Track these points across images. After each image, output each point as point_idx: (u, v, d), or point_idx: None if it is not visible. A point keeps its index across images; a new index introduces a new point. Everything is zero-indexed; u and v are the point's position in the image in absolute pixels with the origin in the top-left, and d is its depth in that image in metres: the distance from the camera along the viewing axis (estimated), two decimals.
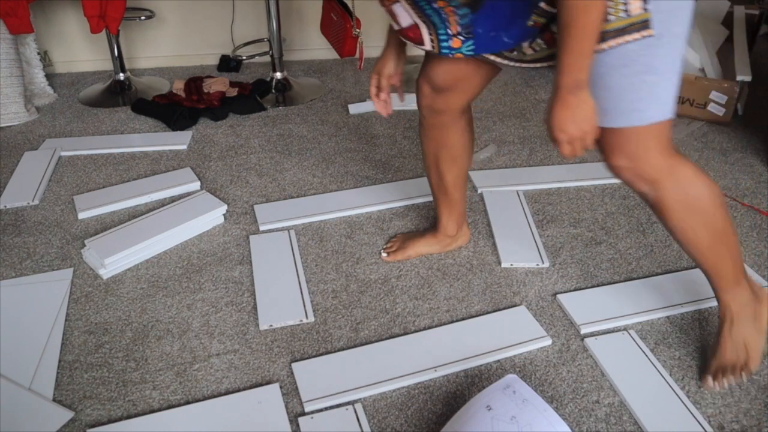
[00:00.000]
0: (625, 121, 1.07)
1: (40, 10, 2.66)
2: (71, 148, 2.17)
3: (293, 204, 1.85)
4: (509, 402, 1.04)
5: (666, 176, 1.12)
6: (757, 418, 1.19)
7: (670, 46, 1.03)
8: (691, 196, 1.14)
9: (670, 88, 1.06)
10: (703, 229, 1.16)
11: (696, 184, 1.14)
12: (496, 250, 1.65)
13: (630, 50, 1.02)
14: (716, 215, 1.16)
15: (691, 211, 1.15)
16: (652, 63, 1.03)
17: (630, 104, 1.05)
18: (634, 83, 1.04)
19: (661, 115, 1.07)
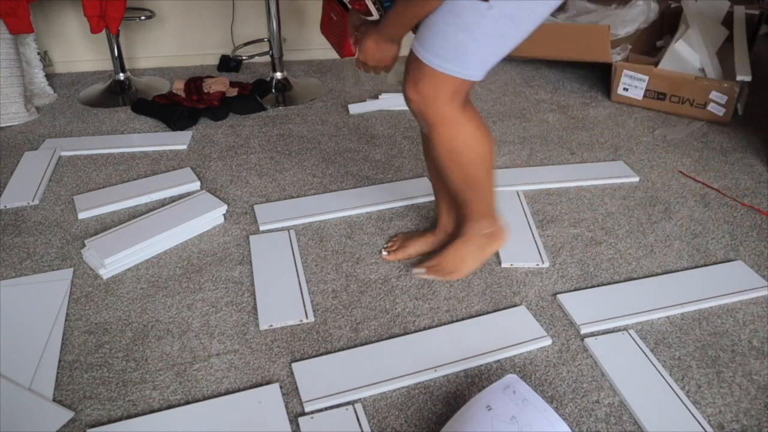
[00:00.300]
0: (426, 57, 1.18)
1: (40, 10, 2.66)
2: (71, 148, 2.17)
3: (293, 204, 1.85)
4: (509, 402, 1.04)
5: (443, 125, 1.26)
6: (757, 418, 1.19)
7: (495, 21, 1.12)
8: (456, 149, 1.29)
9: (479, 56, 1.16)
10: (458, 174, 1.33)
11: (467, 139, 1.28)
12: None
13: (460, 4, 1.11)
14: (473, 169, 1.33)
15: (452, 159, 1.31)
16: (470, 25, 1.12)
17: (437, 47, 1.16)
18: (449, 33, 1.14)
19: (458, 71, 1.17)
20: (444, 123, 1.26)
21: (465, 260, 1.51)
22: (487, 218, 1.47)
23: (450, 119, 1.25)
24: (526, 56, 2.82)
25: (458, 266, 1.51)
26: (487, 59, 1.18)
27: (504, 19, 1.12)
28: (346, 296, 1.50)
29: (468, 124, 1.28)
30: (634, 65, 2.43)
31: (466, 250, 1.50)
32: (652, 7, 2.73)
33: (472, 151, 1.31)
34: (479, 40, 1.14)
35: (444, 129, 1.26)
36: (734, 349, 1.35)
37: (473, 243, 1.49)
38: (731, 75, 2.31)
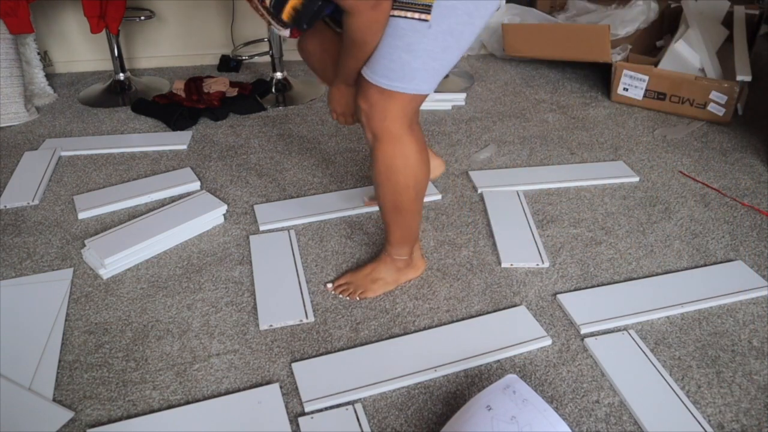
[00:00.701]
0: (374, 79, 1.22)
1: (40, 10, 2.66)
2: (71, 148, 2.17)
3: (293, 204, 1.85)
4: (509, 402, 1.04)
5: (386, 141, 1.28)
6: (757, 418, 1.19)
7: (437, 39, 1.16)
8: (394, 168, 1.31)
9: (424, 71, 1.20)
10: (389, 194, 1.35)
11: (405, 164, 1.30)
12: (496, 250, 1.65)
13: (401, 26, 1.15)
14: (405, 193, 1.35)
15: (387, 177, 1.32)
16: (413, 46, 1.16)
17: (383, 68, 1.20)
18: (393, 54, 1.18)
19: (405, 89, 1.21)
20: (389, 139, 1.28)
21: (379, 281, 1.50)
22: (407, 245, 1.48)
23: (395, 136, 1.27)
24: (526, 56, 2.82)
25: (371, 286, 1.49)
26: (433, 74, 1.22)
27: (443, 35, 1.16)
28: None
29: (411, 145, 1.30)
30: (634, 65, 2.43)
31: (381, 271, 1.50)
32: (652, 7, 2.73)
33: (409, 173, 1.32)
34: (422, 58, 1.18)
35: (387, 145, 1.28)
36: (734, 349, 1.35)
37: (391, 265, 1.50)
38: (731, 75, 2.31)
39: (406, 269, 1.52)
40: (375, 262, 1.53)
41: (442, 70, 1.23)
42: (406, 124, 1.28)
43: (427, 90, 1.24)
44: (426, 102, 2.48)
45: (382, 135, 1.28)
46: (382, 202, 1.39)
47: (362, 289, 1.49)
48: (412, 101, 1.25)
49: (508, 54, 2.84)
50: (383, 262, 1.51)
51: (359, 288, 1.49)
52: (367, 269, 1.52)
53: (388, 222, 1.43)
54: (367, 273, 1.51)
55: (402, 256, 1.50)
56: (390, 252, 1.49)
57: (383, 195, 1.37)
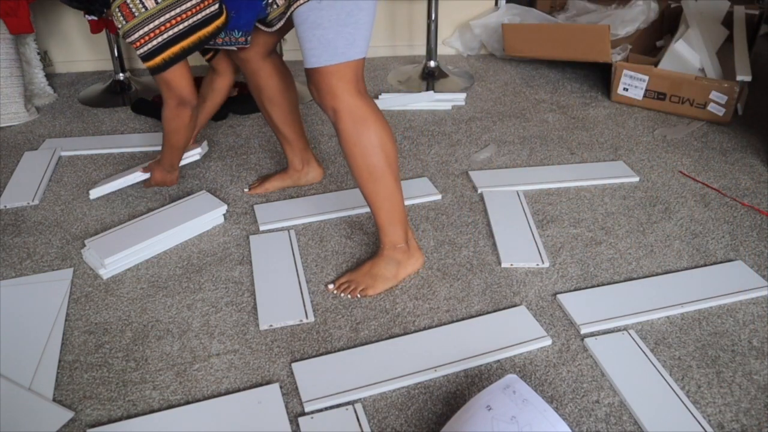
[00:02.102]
0: (308, 63, 1.34)
1: (40, 10, 2.66)
2: (71, 148, 2.17)
3: (293, 204, 1.85)
4: (509, 402, 1.04)
5: (343, 109, 1.36)
6: (757, 418, 1.19)
7: (332, 8, 1.28)
8: (356, 136, 1.38)
9: (339, 38, 1.30)
10: (361, 161, 1.40)
11: (366, 126, 1.37)
12: (496, 250, 1.65)
13: (302, 12, 1.30)
14: (376, 156, 1.40)
15: (355, 143, 1.39)
16: (317, 20, 1.29)
17: (308, 51, 1.33)
18: (307, 36, 1.31)
19: (333, 59, 1.31)
20: (344, 108, 1.36)
21: (379, 277, 1.51)
22: (399, 227, 1.49)
23: (349, 104, 1.36)
24: (526, 56, 2.82)
25: (372, 283, 1.50)
26: (352, 38, 1.31)
27: (336, 2, 1.27)
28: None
29: (365, 108, 1.38)
30: (634, 65, 2.43)
31: (381, 266, 1.51)
32: (652, 7, 2.73)
33: (372, 134, 1.39)
34: (331, 28, 1.29)
35: (346, 114, 1.37)
36: (734, 349, 1.35)
37: (390, 259, 1.51)
38: (731, 75, 2.31)
39: (405, 261, 1.53)
40: (373, 258, 1.53)
41: (359, 34, 1.32)
42: (353, 92, 1.36)
43: (356, 55, 1.33)
44: (426, 102, 2.49)
45: (338, 108, 1.36)
46: (357, 174, 1.43)
47: (363, 286, 1.49)
48: (348, 69, 1.34)
49: (508, 54, 2.84)
50: (381, 257, 1.52)
51: (360, 285, 1.49)
52: (366, 266, 1.52)
53: (371, 198, 1.45)
54: (367, 270, 1.51)
55: (399, 242, 1.50)
56: (386, 242, 1.50)
57: (355, 164, 1.41)
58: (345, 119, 1.37)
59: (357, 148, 1.39)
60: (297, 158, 1.88)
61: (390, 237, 1.50)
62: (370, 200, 1.46)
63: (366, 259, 1.60)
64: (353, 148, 1.39)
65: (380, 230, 1.50)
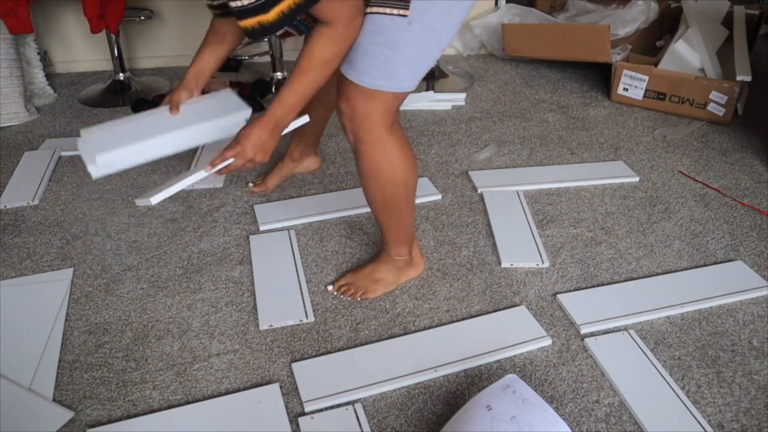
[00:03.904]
0: (356, 77, 1.21)
1: (40, 10, 2.66)
2: (71, 148, 2.16)
3: (293, 204, 1.85)
4: (509, 402, 1.04)
5: (370, 141, 1.27)
6: (757, 418, 1.19)
7: (418, 35, 1.16)
8: (378, 171, 1.31)
9: (407, 69, 1.19)
10: (379, 194, 1.35)
11: (390, 164, 1.30)
12: (496, 250, 1.65)
13: (382, 23, 1.15)
14: (394, 193, 1.34)
15: (375, 178, 1.32)
16: (396, 42, 1.16)
17: (365, 67, 1.19)
18: (375, 52, 1.17)
19: (388, 87, 1.21)
20: (372, 140, 1.27)
21: (380, 281, 1.50)
22: (404, 245, 1.48)
23: (378, 137, 1.27)
24: (526, 56, 2.82)
25: (372, 286, 1.49)
26: (415, 71, 1.22)
27: (425, 31, 1.17)
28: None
29: (394, 145, 1.29)
30: (634, 65, 2.43)
31: (382, 271, 1.50)
32: (652, 7, 2.73)
33: (396, 173, 1.32)
34: (405, 54, 1.18)
35: (371, 146, 1.28)
36: (734, 349, 1.35)
37: (391, 265, 1.50)
38: (731, 75, 2.31)
39: (406, 269, 1.52)
40: (375, 262, 1.53)
41: (423, 67, 1.23)
42: (387, 125, 1.27)
43: (409, 88, 1.24)
44: (426, 102, 2.48)
45: (365, 136, 1.27)
46: (372, 202, 1.39)
47: (363, 290, 1.49)
48: (394, 100, 1.24)
49: (508, 54, 2.84)
50: (383, 262, 1.51)
51: (360, 288, 1.49)
52: (367, 269, 1.52)
53: (382, 223, 1.43)
54: (368, 273, 1.51)
55: (401, 255, 1.50)
56: (389, 252, 1.49)
57: (371, 195, 1.37)
58: (370, 150, 1.28)
59: (376, 183, 1.33)
60: (298, 149, 1.88)
61: (395, 250, 1.49)
62: (379, 223, 1.43)
63: (366, 260, 1.60)
64: (372, 183, 1.34)
65: (385, 243, 1.48)
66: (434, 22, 1.17)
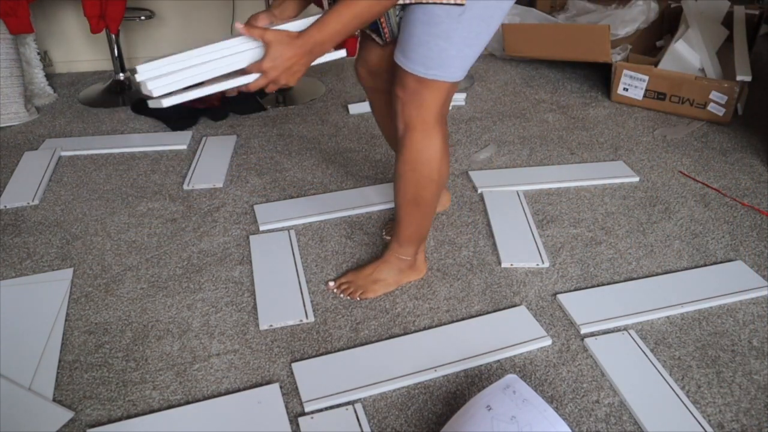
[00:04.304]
0: (411, 68, 1.23)
1: (40, 10, 2.66)
2: (71, 148, 2.17)
3: (293, 204, 1.85)
4: (509, 402, 1.04)
5: (419, 130, 1.28)
6: (757, 418, 1.19)
7: (470, 25, 1.17)
8: (420, 162, 1.32)
9: (460, 58, 1.21)
10: (412, 187, 1.35)
11: (431, 158, 1.31)
12: (496, 250, 1.65)
13: (436, 13, 1.16)
14: (427, 188, 1.35)
15: (413, 168, 1.33)
16: (449, 32, 1.17)
17: (420, 57, 1.21)
18: (429, 42, 1.18)
19: (442, 76, 1.22)
20: (421, 129, 1.28)
21: (380, 281, 1.50)
22: (415, 245, 1.48)
23: (428, 126, 1.28)
24: (526, 56, 2.82)
25: (371, 286, 1.49)
26: (466, 60, 1.23)
27: (476, 20, 1.18)
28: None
29: (440, 137, 1.31)
30: (634, 65, 2.43)
31: (383, 271, 1.50)
32: (652, 7, 2.73)
33: (434, 166, 1.33)
34: (458, 44, 1.19)
35: (419, 135, 1.29)
36: (734, 349, 1.35)
37: (394, 266, 1.50)
38: (731, 75, 2.31)
39: (408, 271, 1.52)
40: (378, 262, 1.52)
41: (473, 56, 1.24)
42: (438, 115, 1.29)
43: (461, 77, 1.26)
44: None
45: (416, 124, 1.28)
46: (402, 194, 1.38)
47: (362, 290, 1.48)
48: (447, 90, 1.26)
49: (508, 54, 2.84)
50: (386, 262, 1.50)
51: (360, 288, 1.49)
52: (369, 269, 1.51)
53: (403, 217, 1.42)
54: (369, 273, 1.51)
55: (407, 256, 1.50)
56: (396, 251, 1.49)
57: (405, 186, 1.36)
58: (417, 140, 1.29)
59: (412, 174, 1.34)
60: None
61: (402, 249, 1.48)
62: (401, 218, 1.43)
63: (367, 260, 1.60)
64: (409, 173, 1.34)
65: (395, 240, 1.48)
66: (485, 11, 1.18)
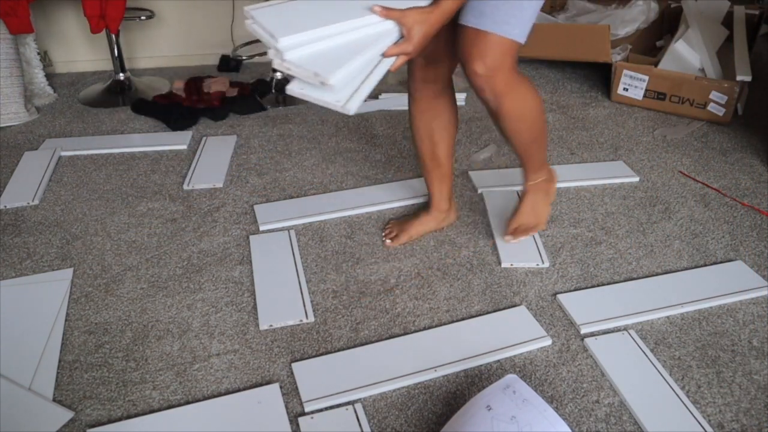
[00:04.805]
0: (496, 28, 1.24)
1: (40, 10, 2.66)
2: (71, 148, 2.17)
3: (293, 204, 1.85)
4: (509, 402, 1.04)
5: (508, 91, 1.34)
6: (757, 418, 1.19)
7: None
8: (524, 109, 1.39)
9: (532, 17, 1.27)
10: (526, 131, 1.44)
11: (528, 100, 1.39)
12: (496, 250, 1.65)
13: None
14: (537, 122, 1.44)
15: (520, 119, 1.40)
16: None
17: (503, 16, 1.23)
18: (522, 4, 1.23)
19: (520, 35, 1.27)
20: (509, 90, 1.34)
21: (539, 209, 1.61)
22: (544, 165, 1.58)
23: (515, 84, 1.35)
24: (526, 56, 2.82)
25: (538, 217, 1.61)
26: (533, 19, 1.28)
27: None
28: (346, 296, 1.50)
29: (526, 84, 1.39)
30: (634, 65, 2.43)
31: (536, 200, 1.60)
32: (652, 7, 2.73)
33: (535, 109, 1.42)
34: (533, 3, 1.25)
35: (511, 96, 1.35)
36: (734, 349, 1.35)
37: (540, 191, 1.60)
38: (731, 75, 2.31)
39: (549, 186, 1.62)
40: (526, 198, 1.61)
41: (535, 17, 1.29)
42: (516, 71, 1.35)
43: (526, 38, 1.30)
44: None
45: (503, 89, 1.33)
46: (522, 142, 1.46)
47: (534, 224, 1.61)
48: (517, 49, 1.30)
49: None
50: (534, 193, 1.60)
51: (531, 225, 1.61)
52: (525, 207, 1.61)
53: (528, 154, 1.52)
54: (528, 210, 1.61)
55: (542, 176, 1.59)
56: (534, 181, 1.58)
57: (521, 136, 1.45)
58: (512, 100, 1.35)
59: (523, 124, 1.41)
60: (445, 198, 1.67)
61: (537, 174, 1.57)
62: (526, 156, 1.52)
63: (367, 260, 1.60)
64: (520, 125, 1.41)
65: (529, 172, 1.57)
66: None
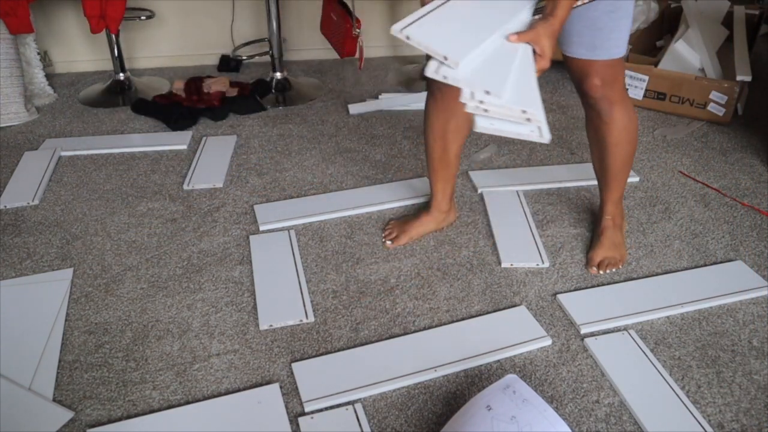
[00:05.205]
0: (609, 54, 1.35)
1: (40, 10, 2.66)
2: (71, 148, 2.17)
3: (293, 204, 1.85)
4: (509, 402, 1.04)
5: (620, 101, 1.43)
6: (757, 418, 1.19)
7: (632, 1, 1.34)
8: (630, 122, 1.47)
9: (629, 30, 1.36)
10: (627, 144, 1.49)
11: (632, 111, 1.47)
12: (496, 250, 1.65)
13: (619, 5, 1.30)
14: (634, 142, 1.51)
15: (626, 129, 1.47)
16: (628, 10, 1.32)
17: (614, 41, 1.34)
18: (619, 25, 1.32)
19: (626, 51, 1.39)
20: (622, 100, 1.43)
21: (618, 241, 1.61)
22: (621, 201, 1.63)
23: (626, 95, 1.45)
24: None
25: (620, 251, 1.60)
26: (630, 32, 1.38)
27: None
28: (346, 296, 1.50)
29: (632, 106, 1.47)
30: (634, 65, 2.43)
31: (614, 235, 1.61)
32: (652, 7, 2.73)
33: (636, 121, 1.48)
34: (631, 18, 1.34)
35: (622, 106, 1.43)
36: (734, 349, 1.35)
37: (616, 227, 1.63)
38: (731, 75, 2.31)
39: (623, 220, 1.66)
40: (606, 231, 1.62)
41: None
42: (624, 87, 1.46)
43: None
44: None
45: (617, 98, 1.42)
46: (620, 160, 1.51)
47: (619, 258, 1.59)
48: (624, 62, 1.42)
49: None
50: (609, 228, 1.62)
51: (615, 260, 1.58)
52: (605, 241, 1.60)
53: (618, 182, 1.56)
54: (609, 244, 1.59)
55: (619, 210, 1.63)
56: (612, 212, 1.61)
57: (621, 152, 1.50)
58: (623, 110, 1.43)
59: (629, 145, 1.48)
60: (446, 198, 1.68)
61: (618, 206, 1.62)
62: (617, 180, 1.56)
63: (367, 260, 1.60)
64: (626, 145, 1.48)
65: (611, 204, 1.61)
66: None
